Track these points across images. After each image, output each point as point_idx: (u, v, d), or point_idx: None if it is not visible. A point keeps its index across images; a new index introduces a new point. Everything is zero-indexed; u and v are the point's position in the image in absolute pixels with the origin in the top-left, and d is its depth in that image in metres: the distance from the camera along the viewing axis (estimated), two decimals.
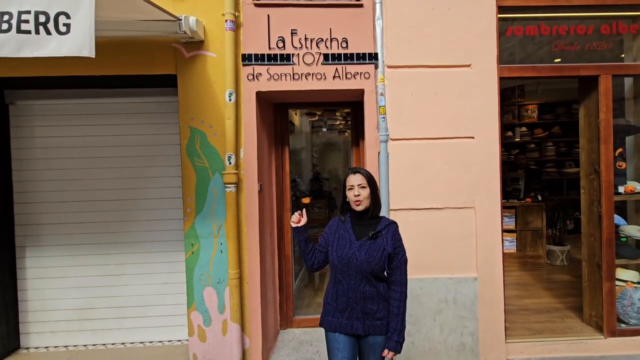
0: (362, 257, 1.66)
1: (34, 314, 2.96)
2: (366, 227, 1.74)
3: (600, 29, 2.83)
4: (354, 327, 1.68)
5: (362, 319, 1.67)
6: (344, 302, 1.69)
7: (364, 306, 1.67)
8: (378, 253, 1.67)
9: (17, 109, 2.94)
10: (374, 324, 1.67)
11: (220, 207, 2.60)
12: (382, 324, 1.68)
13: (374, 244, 1.69)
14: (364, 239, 1.70)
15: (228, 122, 2.53)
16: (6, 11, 1.45)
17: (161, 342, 2.98)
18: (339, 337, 1.70)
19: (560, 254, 4.64)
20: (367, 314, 1.67)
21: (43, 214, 2.96)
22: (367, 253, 1.66)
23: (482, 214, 2.62)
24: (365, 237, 1.71)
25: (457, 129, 2.62)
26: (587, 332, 2.87)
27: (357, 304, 1.67)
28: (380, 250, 1.67)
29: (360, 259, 1.65)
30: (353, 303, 1.67)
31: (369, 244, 1.69)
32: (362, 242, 1.70)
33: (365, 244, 1.69)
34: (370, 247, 1.68)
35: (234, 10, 2.53)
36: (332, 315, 1.73)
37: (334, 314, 1.72)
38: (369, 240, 1.69)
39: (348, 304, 1.68)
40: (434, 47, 2.62)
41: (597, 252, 2.83)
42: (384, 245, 1.69)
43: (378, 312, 1.68)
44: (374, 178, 1.78)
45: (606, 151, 2.76)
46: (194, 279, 2.61)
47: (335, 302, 1.72)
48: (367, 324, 1.67)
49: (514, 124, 5.97)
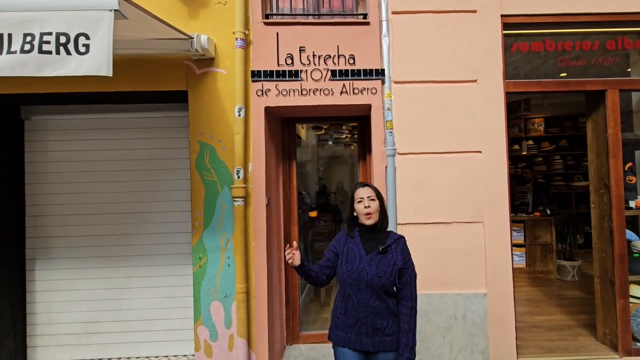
0: (372, 272, 1.64)
1: (41, 327, 2.96)
2: (375, 241, 1.73)
3: (605, 44, 2.85)
4: (363, 343, 1.65)
5: (372, 334, 1.65)
6: (354, 317, 1.67)
7: (374, 322, 1.64)
8: (388, 268, 1.65)
9: (31, 124, 3.01)
10: (383, 340, 1.65)
11: (228, 221, 2.62)
12: (392, 340, 1.66)
13: (384, 259, 1.67)
14: (373, 253, 1.69)
15: (237, 136, 2.57)
16: (29, 32, 1.51)
17: (167, 357, 2.96)
18: (348, 354, 1.68)
19: (571, 269, 4.56)
20: (376, 330, 1.65)
21: (53, 226, 2.99)
22: (378, 268, 1.65)
23: (491, 229, 2.60)
24: (375, 251, 1.69)
25: (464, 143, 2.63)
26: (602, 351, 2.80)
27: (367, 320, 1.65)
28: (390, 265, 1.66)
29: (370, 274, 1.64)
30: (363, 318, 1.65)
31: (379, 258, 1.67)
32: (372, 256, 1.68)
33: (375, 258, 1.67)
34: (380, 262, 1.66)
35: (244, 29, 2.60)
36: (341, 330, 1.70)
37: (343, 328, 1.70)
38: (379, 255, 1.68)
39: (357, 319, 1.66)
40: (440, 63, 2.65)
41: (610, 268, 2.78)
42: (394, 259, 1.68)
43: (388, 327, 1.66)
44: (380, 192, 1.79)
45: (615, 165, 2.74)
46: (201, 293, 2.61)
47: (344, 317, 1.70)
48: (376, 340, 1.65)
49: (520, 137, 5.96)
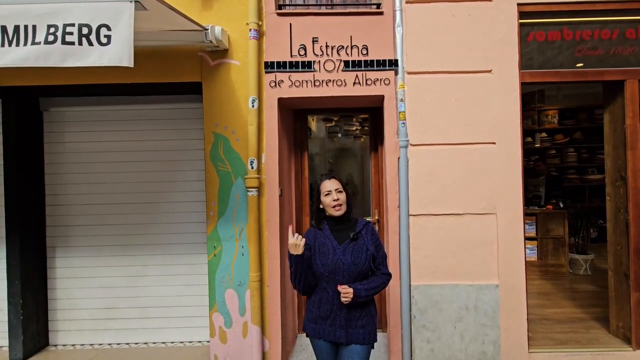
0: (348, 260, 1.67)
1: (62, 313, 3.08)
2: (345, 230, 1.75)
3: (625, 33, 2.78)
4: (336, 335, 1.67)
5: (345, 327, 1.67)
6: (328, 310, 1.69)
7: (348, 312, 1.66)
8: (363, 254, 1.69)
9: (50, 116, 3.09)
10: (356, 332, 1.67)
11: (242, 210, 2.66)
12: (365, 332, 1.69)
13: (357, 245, 1.70)
14: (346, 242, 1.71)
15: (250, 127, 2.59)
16: (52, 24, 1.55)
17: (182, 342, 3.05)
18: (323, 345, 1.72)
19: (583, 262, 4.51)
20: (350, 321, 1.67)
21: (72, 215, 3.09)
22: (353, 255, 1.68)
23: (504, 221, 2.59)
24: (347, 240, 1.72)
25: (478, 134, 2.61)
26: (614, 344, 2.78)
27: (341, 311, 1.66)
28: (364, 251, 1.70)
29: (347, 263, 1.66)
30: (337, 310, 1.67)
31: (352, 246, 1.70)
32: (345, 245, 1.70)
33: (348, 247, 1.70)
34: (354, 249, 1.69)
35: (257, 20, 2.60)
36: (314, 322, 1.73)
37: (316, 320, 1.72)
38: (352, 242, 1.71)
39: (332, 310, 1.68)
40: (454, 53, 2.62)
41: (624, 261, 2.75)
42: (366, 244, 1.72)
43: (361, 318, 1.69)
44: (344, 183, 1.81)
45: (633, 157, 2.69)
46: (215, 281, 2.66)
47: (318, 309, 1.71)
48: (349, 332, 1.67)
49: (534, 129, 5.86)
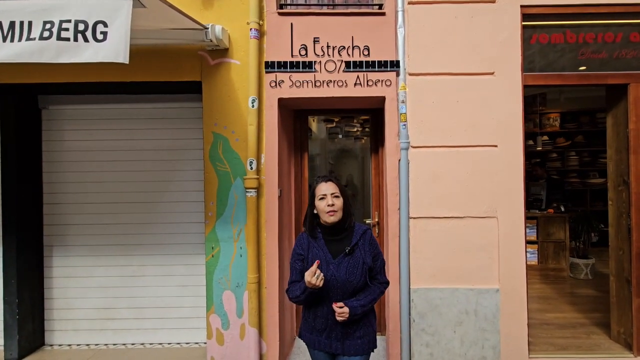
0: (342, 277, 1.55)
1: (59, 312, 3.05)
2: (341, 241, 1.61)
3: (629, 37, 2.76)
4: (333, 347, 1.60)
5: (342, 339, 1.59)
6: (323, 324, 1.60)
7: (344, 325, 1.57)
8: (358, 269, 1.57)
9: (48, 114, 3.06)
10: (354, 344, 1.59)
11: (241, 211, 2.63)
12: (363, 342, 1.61)
13: (353, 259, 1.58)
14: (340, 256, 1.58)
15: (250, 127, 2.57)
16: (49, 20, 1.53)
17: (179, 344, 3.02)
18: (319, 355, 1.66)
19: (584, 267, 4.48)
20: (347, 334, 1.59)
21: (69, 214, 3.06)
22: (347, 271, 1.55)
23: (505, 224, 2.56)
24: (341, 253, 1.58)
25: (480, 137, 2.59)
26: (616, 350, 2.76)
27: (337, 325, 1.57)
28: (360, 266, 1.57)
29: (341, 280, 1.55)
30: (332, 324, 1.58)
31: (347, 260, 1.57)
32: (340, 259, 1.57)
33: (343, 261, 1.57)
34: (349, 264, 1.57)
35: (258, 19, 2.58)
36: (310, 332, 1.65)
37: (312, 331, 1.64)
38: (347, 257, 1.58)
39: (327, 325, 1.59)
40: (456, 55, 2.60)
41: (626, 266, 2.73)
42: (363, 258, 1.59)
43: (358, 330, 1.60)
44: (345, 188, 1.67)
45: (636, 162, 2.67)
46: (213, 282, 2.64)
47: (313, 322, 1.63)
48: (346, 344, 1.59)
49: (535, 132, 5.84)
